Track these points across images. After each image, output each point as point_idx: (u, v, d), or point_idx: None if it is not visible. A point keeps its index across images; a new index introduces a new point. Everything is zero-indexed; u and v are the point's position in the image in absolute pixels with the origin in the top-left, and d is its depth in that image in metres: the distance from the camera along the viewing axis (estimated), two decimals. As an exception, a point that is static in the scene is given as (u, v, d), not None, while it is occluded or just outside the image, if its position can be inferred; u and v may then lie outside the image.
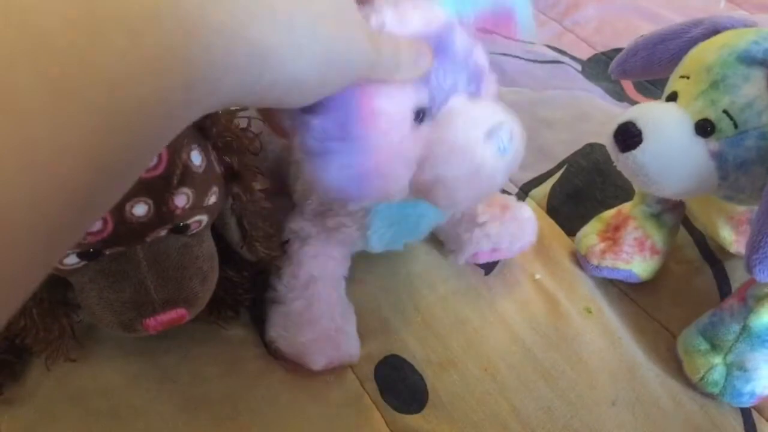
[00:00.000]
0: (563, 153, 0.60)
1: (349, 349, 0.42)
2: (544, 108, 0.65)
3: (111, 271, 0.33)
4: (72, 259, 0.31)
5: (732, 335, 0.41)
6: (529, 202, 0.56)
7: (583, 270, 0.49)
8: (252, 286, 0.44)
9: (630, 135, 0.36)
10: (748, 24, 0.39)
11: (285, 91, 0.23)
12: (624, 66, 0.45)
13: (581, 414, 0.41)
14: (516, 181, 0.58)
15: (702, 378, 0.41)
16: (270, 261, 0.43)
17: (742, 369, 0.40)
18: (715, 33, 0.39)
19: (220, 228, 0.39)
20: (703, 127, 0.35)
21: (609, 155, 0.40)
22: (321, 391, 0.41)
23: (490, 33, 0.40)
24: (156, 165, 0.31)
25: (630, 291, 0.48)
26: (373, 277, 0.48)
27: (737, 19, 0.39)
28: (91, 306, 0.34)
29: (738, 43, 0.35)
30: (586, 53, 0.75)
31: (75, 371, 0.41)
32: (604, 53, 0.75)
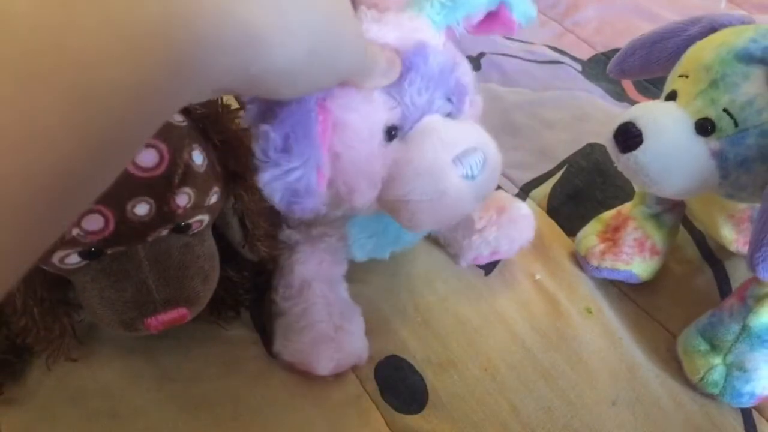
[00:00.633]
0: (563, 153, 0.60)
1: (354, 349, 0.42)
2: (544, 108, 0.65)
3: (112, 271, 0.33)
4: (73, 259, 0.31)
5: (731, 335, 0.41)
6: (530, 202, 0.56)
7: (583, 271, 0.49)
8: (253, 286, 0.45)
9: (630, 135, 0.36)
10: (746, 21, 0.39)
11: (276, 80, 0.23)
12: (622, 66, 0.45)
13: (581, 414, 0.41)
14: (516, 182, 0.58)
15: (702, 378, 0.41)
16: (271, 260, 0.43)
17: (741, 369, 0.40)
18: (713, 31, 0.39)
19: (221, 227, 0.40)
20: (704, 126, 0.35)
21: (609, 155, 0.40)
22: (321, 391, 0.41)
23: (487, 33, 0.40)
24: (157, 164, 0.31)
25: (630, 291, 0.48)
26: (374, 277, 0.48)
27: (735, 17, 0.39)
28: (93, 305, 0.34)
29: (736, 42, 0.35)
30: (586, 53, 0.75)
31: (75, 371, 0.41)
32: (604, 53, 0.75)
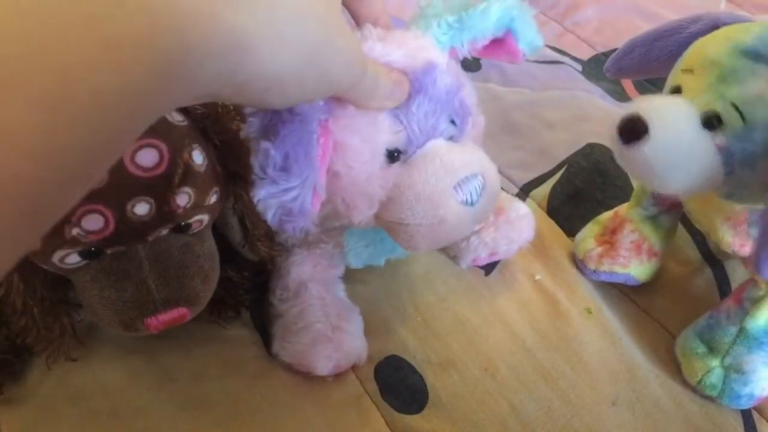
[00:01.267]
0: (563, 153, 0.60)
1: (353, 349, 0.42)
2: (544, 108, 0.65)
3: (112, 270, 0.33)
4: (73, 258, 0.31)
5: (729, 338, 0.41)
6: (529, 202, 0.56)
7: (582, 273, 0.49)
8: (253, 286, 0.45)
9: (636, 127, 0.35)
10: (747, 20, 0.38)
11: (264, 89, 0.22)
12: (620, 64, 0.44)
13: (581, 414, 0.41)
14: (516, 182, 0.58)
15: (700, 381, 0.41)
16: (270, 261, 0.43)
17: (739, 372, 0.40)
18: (715, 28, 0.38)
19: (221, 227, 0.40)
20: (710, 120, 0.34)
21: (609, 155, 0.39)
22: (321, 391, 0.41)
23: (491, 58, 0.40)
24: (157, 164, 0.31)
25: (630, 291, 0.48)
26: (374, 278, 0.48)
27: (737, 16, 0.39)
28: (93, 305, 0.34)
29: (744, 39, 0.34)
30: (586, 53, 0.75)
31: (75, 371, 0.41)
32: (604, 53, 0.75)
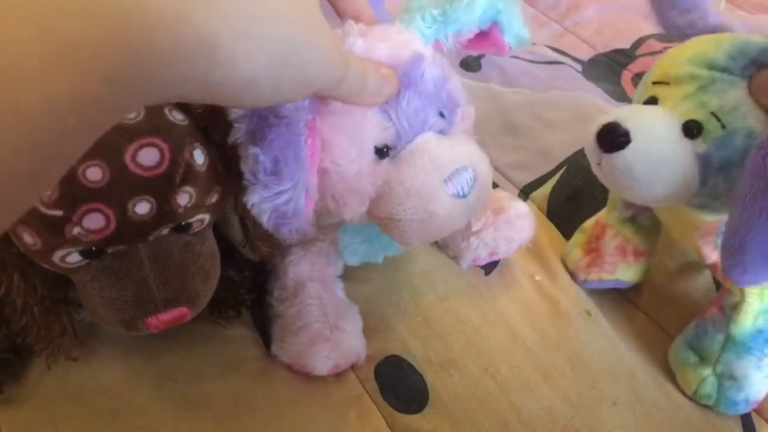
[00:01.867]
0: (563, 154, 0.60)
1: (351, 348, 0.42)
2: (544, 109, 0.65)
3: (113, 270, 0.33)
4: (74, 258, 0.31)
5: (717, 345, 0.41)
6: (530, 204, 0.56)
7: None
8: (253, 286, 0.45)
9: (617, 135, 0.35)
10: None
11: (238, 90, 0.22)
12: None
13: (582, 414, 0.41)
14: (517, 183, 0.58)
15: (695, 392, 0.42)
16: (271, 260, 0.43)
17: (732, 378, 0.40)
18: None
19: (222, 227, 0.40)
20: (690, 129, 0.35)
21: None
22: (321, 391, 0.41)
23: (477, 51, 0.40)
24: (158, 163, 0.31)
25: (629, 293, 0.48)
26: (374, 277, 0.48)
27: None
28: (93, 304, 0.34)
29: (715, 56, 0.35)
30: (586, 54, 0.75)
31: (76, 370, 0.41)
32: (604, 54, 0.75)
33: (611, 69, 0.73)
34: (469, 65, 0.71)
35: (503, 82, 0.69)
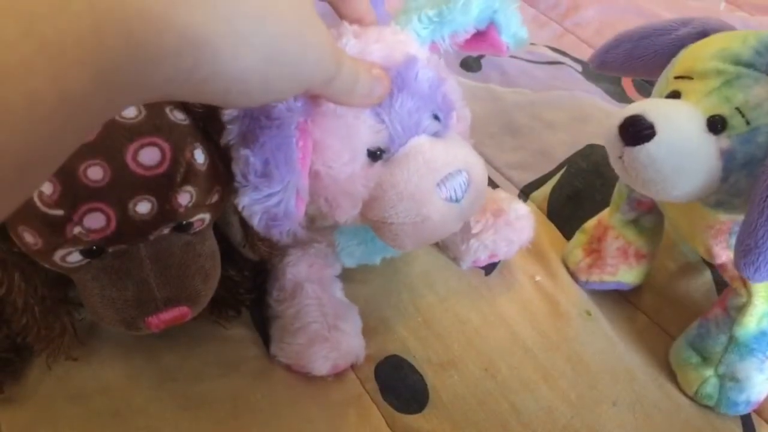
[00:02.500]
0: (563, 154, 0.60)
1: (351, 348, 0.42)
2: (544, 109, 0.65)
3: (114, 269, 0.33)
4: (75, 257, 0.31)
5: (720, 346, 0.41)
6: (530, 204, 0.56)
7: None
8: (253, 285, 0.45)
9: (641, 127, 0.34)
10: (732, 28, 0.38)
11: (225, 89, 0.22)
12: (605, 57, 0.43)
13: (582, 414, 0.41)
14: (517, 183, 0.58)
15: (696, 392, 0.41)
16: (270, 260, 0.43)
17: (734, 380, 0.40)
18: (704, 35, 0.38)
19: (222, 226, 0.40)
20: (715, 124, 0.34)
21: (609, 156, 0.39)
22: (321, 391, 0.41)
23: (474, 51, 0.39)
24: (159, 163, 0.31)
25: (629, 294, 0.48)
26: (374, 278, 0.48)
27: (727, 24, 0.39)
28: (94, 304, 0.34)
29: (740, 50, 0.34)
30: (586, 54, 0.75)
31: (76, 370, 0.41)
32: (604, 55, 0.75)
33: (611, 69, 0.73)
34: (469, 65, 0.71)
35: (503, 82, 0.69)
